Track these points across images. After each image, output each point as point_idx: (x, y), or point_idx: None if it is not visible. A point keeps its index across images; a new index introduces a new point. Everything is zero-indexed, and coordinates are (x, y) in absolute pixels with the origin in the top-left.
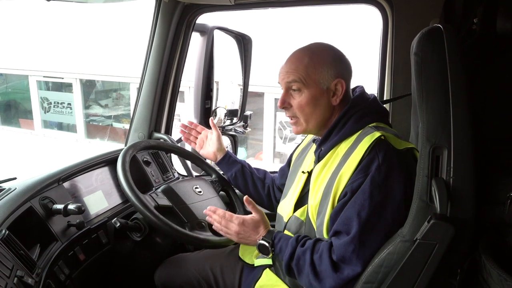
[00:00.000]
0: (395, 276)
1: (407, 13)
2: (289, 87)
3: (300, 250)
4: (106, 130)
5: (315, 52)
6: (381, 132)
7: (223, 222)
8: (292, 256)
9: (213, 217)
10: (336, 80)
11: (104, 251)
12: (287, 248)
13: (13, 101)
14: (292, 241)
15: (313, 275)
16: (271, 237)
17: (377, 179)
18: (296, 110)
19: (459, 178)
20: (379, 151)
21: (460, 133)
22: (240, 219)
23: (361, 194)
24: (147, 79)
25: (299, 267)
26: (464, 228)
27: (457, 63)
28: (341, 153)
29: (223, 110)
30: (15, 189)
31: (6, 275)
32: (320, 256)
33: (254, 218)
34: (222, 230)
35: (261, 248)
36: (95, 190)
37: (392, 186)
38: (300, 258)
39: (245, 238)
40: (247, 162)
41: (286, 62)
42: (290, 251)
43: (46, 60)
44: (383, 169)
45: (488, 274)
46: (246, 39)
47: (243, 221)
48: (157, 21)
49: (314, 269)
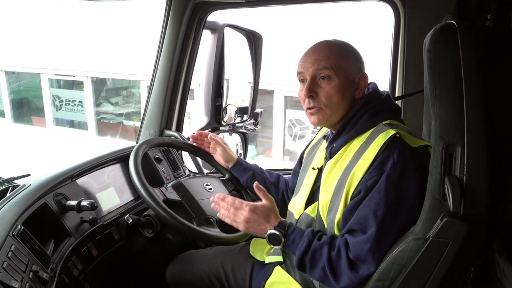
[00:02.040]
0: (407, 274)
1: (419, 9)
2: (316, 76)
3: (317, 243)
4: (117, 127)
5: (342, 44)
6: (395, 130)
7: (232, 210)
8: (307, 249)
9: (221, 204)
10: (360, 73)
11: (116, 247)
12: (302, 240)
13: (25, 99)
14: (308, 233)
15: (330, 270)
16: (284, 228)
17: (392, 178)
18: (322, 99)
19: (472, 176)
20: (394, 150)
21: (474, 130)
22: (251, 205)
23: (376, 193)
24: (158, 77)
25: (314, 261)
26: (478, 226)
27: (471, 60)
28: (354, 150)
29: (234, 107)
30: (30, 186)
31: (22, 270)
32: (337, 253)
33: (265, 206)
34: (229, 218)
35: (272, 238)
36: (107, 187)
37: (407, 185)
38: (317, 252)
39: (254, 227)
40: (259, 167)
41: (313, 51)
42: (306, 244)
43: (57, 59)
44: (398, 167)
45: (501, 272)
46: (257, 36)
47: (254, 208)
48: (168, 19)
49: (331, 265)
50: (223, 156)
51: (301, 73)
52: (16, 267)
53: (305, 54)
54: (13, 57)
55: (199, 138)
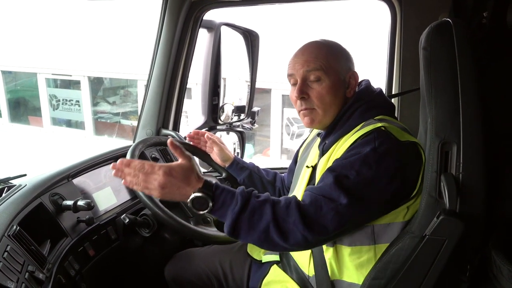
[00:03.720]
0: (404, 272)
1: (416, 8)
2: (306, 77)
3: (255, 201)
4: (114, 127)
5: (331, 44)
6: (383, 123)
7: (141, 176)
8: (243, 209)
9: (126, 170)
10: (350, 72)
11: (113, 247)
12: (234, 200)
13: (22, 98)
14: (241, 191)
15: (276, 229)
16: (211, 189)
17: (369, 159)
18: (314, 100)
19: (468, 174)
20: (377, 137)
21: (470, 128)
22: (165, 167)
23: (349, 166)
24: (154, 76)
25: (252, 221)
26: (474, 223)
27: (466, 58)
28: (343, 144)
29: (231, 106)
30: (26, 186)
31: (17, 270)
32: (286, 208)
33: (183, 165)
34: (138, 185)
35: (196, 203)
36: (104, 187)
37: (382, 172)
38: (256, 210)
39: (172, 192)
40: (256, 166)
41: (303, 52)
42: (241, 203)
43: (54, 58)
44: (378, 152)
45: (498, 269)
46: (253, 35)
47: (169, 170)
48: (165, 18)
49: (277, 222)
50: (220, 155)
51: (291, 75)
52: (11, 268)
53: (294, 55)
54: (10, 56)
55: (196, 137)
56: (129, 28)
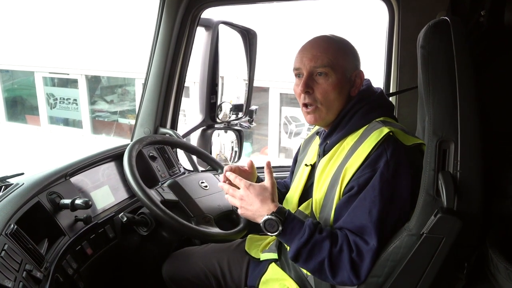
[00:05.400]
0: (401, 270)
1: (414, 6)
2: (313, 72)
3: (319, 237)
4: (111, 125)
5: (341, 40)
6: (389, 127)
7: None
8: (308, 241)
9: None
10: (357, 71)
11: (111, 246)
12: (301, 230)
13: (19, 97)
14: (310, 224)
15: (329, 265)
16: (284, 215)
17: (386, 175)
18: (318, 96)
19: (466, 172)
20: (387, 147)
21: (467, 126)
22: (247, 182)
23: (371, 190)
24: (152, 75)
25: (312, 253)
26: (471, 221)
27: (464, 56)
28: (347, 147)
29: (229, 105)
30: (23, 184)
31: (15, 269)
32: (340, 250)
33: (262, 186)
34: (228, 194)
35: (268, 224)
36: (102, 185)
37: (400, 182)
38: (317, 245)
39: (246, 206)
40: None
41: (312, 46)
42: (307, 235)
43: (51, 56)
44: (391, 165)
45: (495, 267)
46: (251, 33)
47: (249, 185)
48: (162, 16)
49: (331, 260)
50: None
51: (298, 69)
52: (9, 266)
53: (302, 49)
54: (7, 55)
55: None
56: (126, 27)
